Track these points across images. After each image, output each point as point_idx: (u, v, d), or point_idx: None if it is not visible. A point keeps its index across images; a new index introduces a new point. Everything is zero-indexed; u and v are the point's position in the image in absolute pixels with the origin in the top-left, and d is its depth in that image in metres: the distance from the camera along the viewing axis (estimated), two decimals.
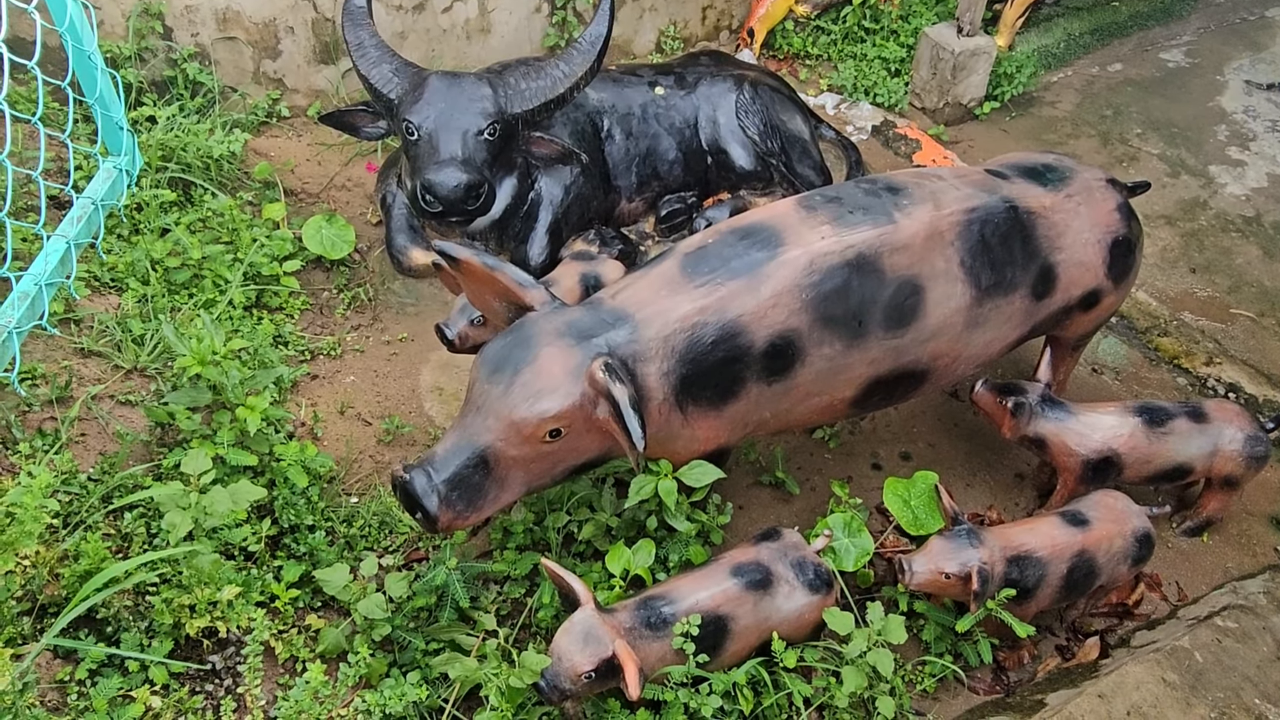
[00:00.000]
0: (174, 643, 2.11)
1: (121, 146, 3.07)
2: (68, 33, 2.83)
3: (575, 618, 2.24)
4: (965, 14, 4.81)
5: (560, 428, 2.30)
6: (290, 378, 3.23)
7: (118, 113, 3.04)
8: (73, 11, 2.81)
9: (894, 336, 2.66)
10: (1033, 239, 2.84)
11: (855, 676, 2.35)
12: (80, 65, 2.93)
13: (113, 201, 2.97)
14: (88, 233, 2.77)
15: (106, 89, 2.98)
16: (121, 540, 2.31)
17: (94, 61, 2.93)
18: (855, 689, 2.33)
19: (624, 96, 4.04)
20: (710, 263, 2.53)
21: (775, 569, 2.52)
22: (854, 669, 2.37)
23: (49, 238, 2.68)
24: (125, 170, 3.07)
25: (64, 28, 2.83)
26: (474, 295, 2.57)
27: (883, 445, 3.49)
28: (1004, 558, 2.58)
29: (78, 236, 2.70)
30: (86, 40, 2.91)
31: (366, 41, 3.52)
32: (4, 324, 2.36)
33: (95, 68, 2.93)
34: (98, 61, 2.96)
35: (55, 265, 2.59)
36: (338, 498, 2.93)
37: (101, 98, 2.94)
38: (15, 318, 2.41)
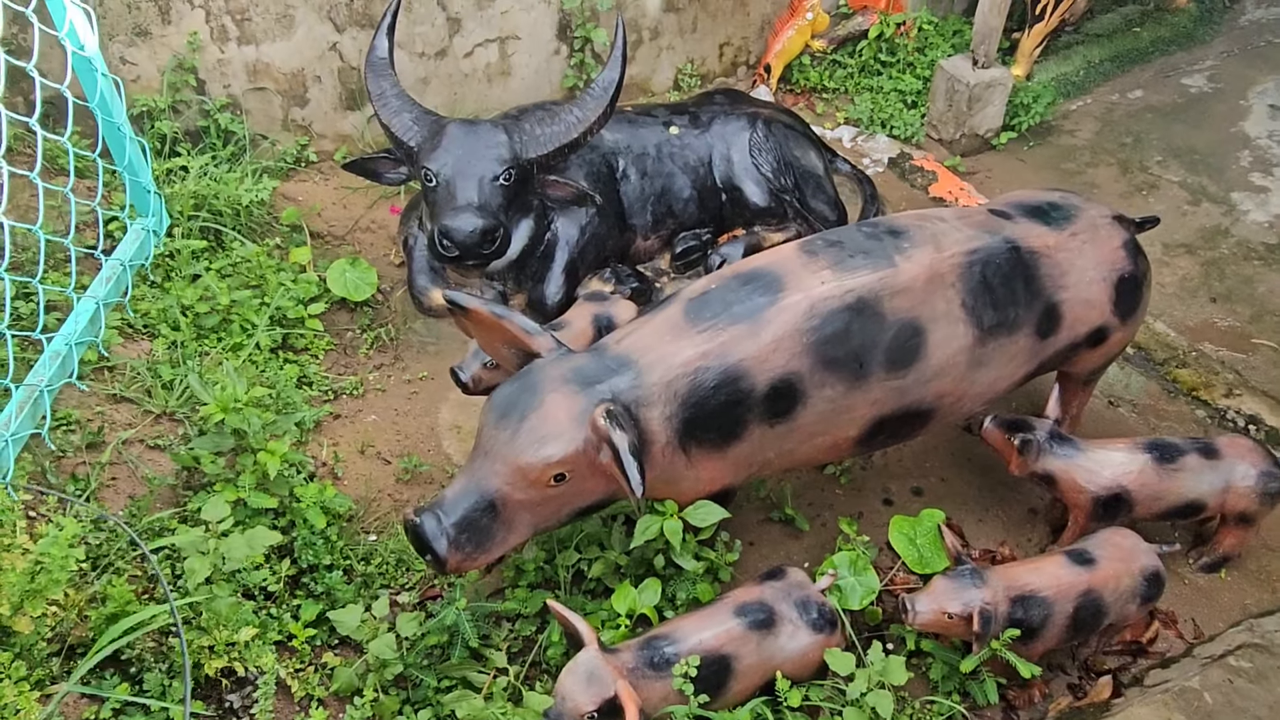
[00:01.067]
0: (195, 682, 2.21)
1: (149, 208, 3.22)
2: (98, 107, 2.99)
3: (579, 658, 2.30)
4: (980, 46, 4.85)
5: (564, 472, 2.37)
6: (313, 419, 3.34)
7: (145, 177, 3.20)
8: (103, 87, 2.97)
9: (896, 377, 2.70)
10: (1036, 278, 2.87)
11: (857, 718, 2.38)
12: (110, 135, 3.09)
13: (140, 261, 3.12)
14: (116, 292, 2.91)
15: (135, 156, 3.14)
16: (148, 582, 2.42)
17: (123, 132, 3.09)
18: None
19: (639, 137, 4.13)
20: (713, 308, 2.60)
21: (779, 608, 2.56)
22: (856, 710, 2.40)
23: (79, 299, 2.82)
24: (152, 231, 3.23)
25: (94, 103, 3.00)
26: (484, 341, 2.66)
27: (894, 480, 3.52)
28: (1008, 598, 2.59)
29: (107, 296, 2.85)
30: (116, 113, 3.07)
31: (388, 91, 3.65)
32: (36, 383, 2.49)
33: (125, 137, 3.09)
34: (127, 132, 3.12)
35: (85, 325, 2.73)
36: (356, 536, 3.03)
37: (130, 164, 3.10)
38: (47, 377, 2.55)
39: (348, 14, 4.22)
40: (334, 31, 4.24)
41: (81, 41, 2.93)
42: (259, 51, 4.14)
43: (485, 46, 4.61)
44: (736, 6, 5.16)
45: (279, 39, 4.14)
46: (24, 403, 2.45)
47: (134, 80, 3.96)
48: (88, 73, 2.99)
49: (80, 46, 2.93)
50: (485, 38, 4.58)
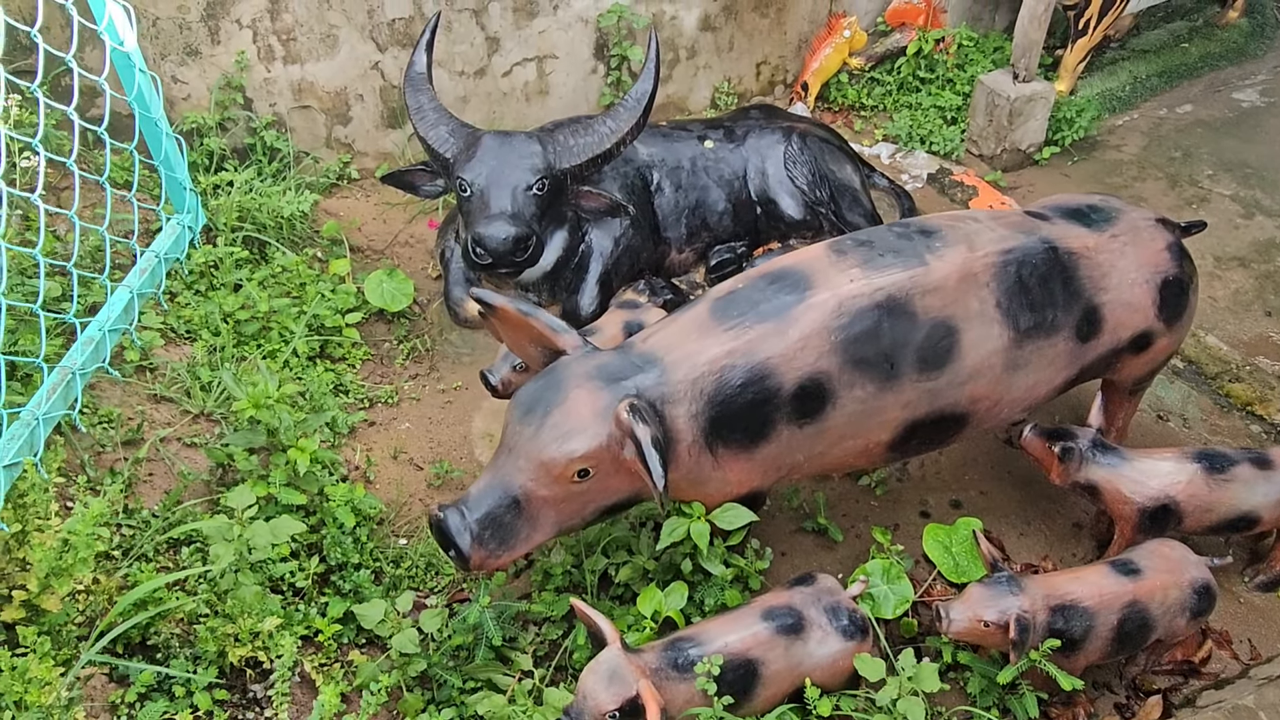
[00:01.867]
0: (218, 671, 2.22)
1: (185, 204, 3.29)
2: (135, 101, 3.08)
3: (601, 657, 2.26)
4: (1020, 60, 4.80)
5: (588, 468, 2.35)
6: (347, 423, 3.38)
7: (181, 173, 3.27)
8: (141, 82, 3.06)
9: (929, 379, 2.65)
10: (1075, 279, 2.80)
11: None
12: (147, 130, 3.17)
13: (176, 255, 3.19)
14: (151, 284, 2.98)
15: (171, 151, 3.21)
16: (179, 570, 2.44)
17: (160, 128, 3.16)
18: None
19: (673, 150, 4.15)
20: (739, 306, 2.57)
21: (808, 614, 2.50)
22: (886, 717, 2.32)
23: (113, 289, 2.89)
24: (188, 226, 3.30)
25: (132, 97, 3.08)
26: (512, 341, 2.67)
27: (932, 493, 3.43)
28: (1047, 606, 2.50)
29: (141, 287, 2.91)
30: (153, 108, 3.15)
31: (426, 105, 3.71)
32: (69, 366, 2.55)
33: (161, 133, 3.17)
34: (164, 127, 3.20)
35: (119, 313, 2.79)
36: (386, 539, 3.03)
37: (166, 159, 3.18)
38: (80, 361, 2.61)
39: (389, 34, 4.32)
40: (376, 51, 4.34)
41: (120, 37, 3.02)
42: (304, 71, 4.25)
43: (523, 65, 4.68)
44: (773, 26, 5.18)
45: (323, 58, 4.26)
46: (56, 385, 2.50)
47: (184, 99, 4.10)
48: (126, 68, 3.07)
49: (119, 42, 3.02)
50: (523, 56, 4.65)
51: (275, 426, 2.60)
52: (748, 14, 5.06)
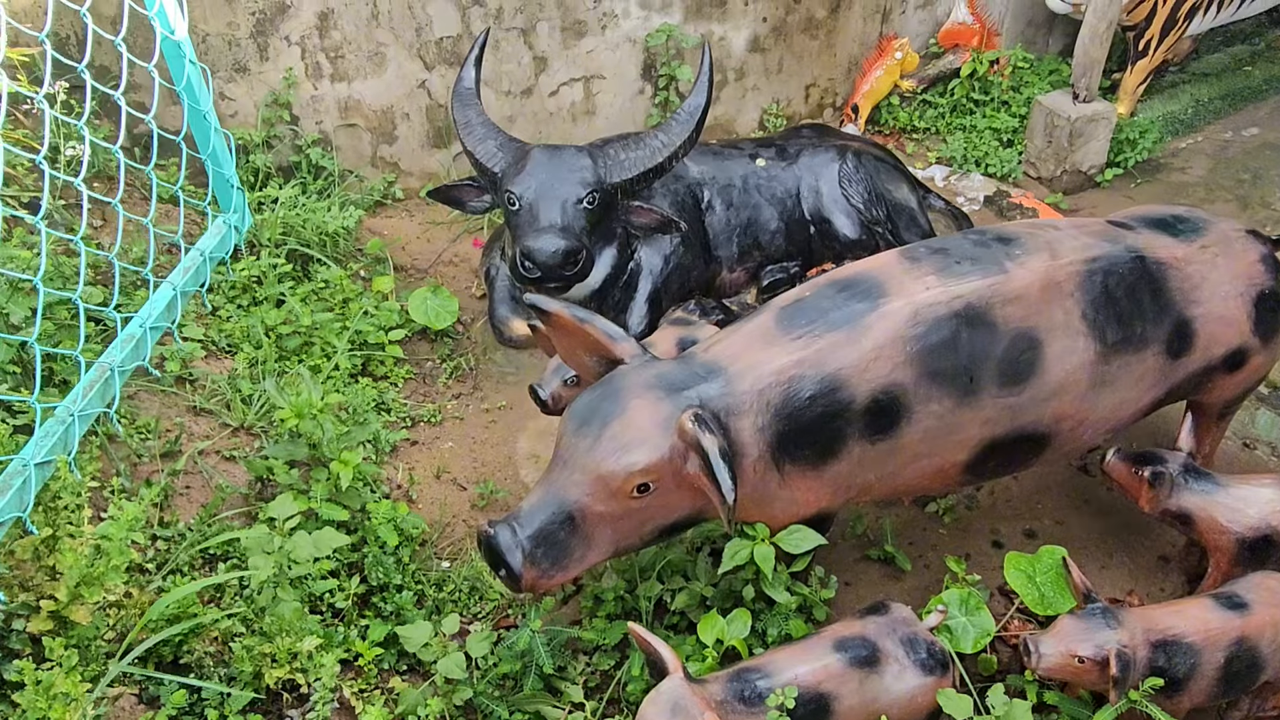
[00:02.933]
0: (253, 694, 2.07)
1: (231, 203, 3.21)
2: (184, 92, 3.01)
3: (663, 687, 2.09)
4: (1081, 79, 4.66)
5: (649, 482, 2.20)
6: (390, 441, 3.26)
7: (229, 169, 3.19)
8: (190, 73, 2.99)
9: (1010, 394, 2.47)
10: (1164, 291, 2.62)
11: None
12: (195, 123, 3.09)
13: (221, 255, 3.11)
14: (195, 282, 2.88)
15: (220, 147, 3.13)
16: (215, 590, 2.32)
17: (209, 121, 3.09)
18: None
19: (724, 168, 4.05)
20: (807, 315, 2.43)
21: (883, 645, 2.31)
22: None
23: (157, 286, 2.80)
24: (234, 226, 3.22)
25: (181, 86, 3.02)
26: (565, 351, 2.54)
27: (1004, 522, 3.23)
28: (1148, 642, 2.29)
29: (184, 285, 2.82)
30: (202, 100, 3.07)
31: (474, 120, 3.64)
32: (108, 362, 2.45)
33: (210, 126, 3.09)
34: (212, 121, 3.12)
35: (161, 311, 2.69)
36: (429, 560, 2.89)
37: (214, 154, 3.09)
38: (119, 358, 2.51)
39: (436, 52, 4.28)
40: (423, 70, 4.30)
41: (171, 25, 2.96)
42: (350, 89, 4.22)
43: (570, 85, 4.62)
44: (823, 48, 5.09)
45: (370, 76, 4.22)
46: (94, 382, 2.40)
47: (232, 116, 4.07)
48: (176, 57, 3.01)
49: (170, 30, 2.96)
50: (570, 77, 4.59)
51: (318, 439, 2.48)
52: (797, 35, 4.98)
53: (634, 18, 4.55)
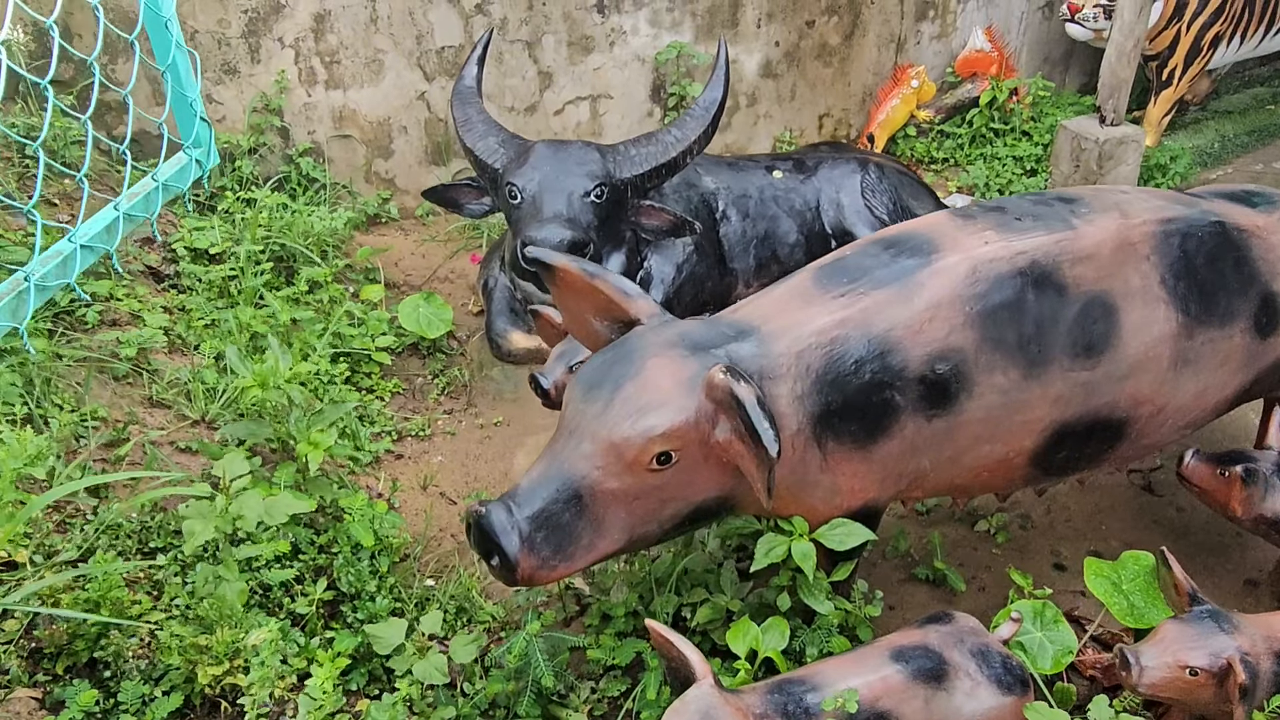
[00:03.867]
0: (183, 700, 1.67)
1: (193, 133, 2.89)
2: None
3: (689, 695, 1.70)
4: (1108, 101, 4.47)
5: (671, 451, 1.86)
6: (371, 451, 2.91)
7: (193, 94, 2.86)
8: None
9: (1083, 368, 2.15)
10: (1248, 261, 2.33)
11: None
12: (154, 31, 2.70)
13: (179, 187, 2.77)
14: (144, 209, 2.54)
15: (183, 65, 2.79)
16: (152, 587, 1.94)
17: (170, 32, 2.73)
18: None
19: (739, 180, 3.81)
20: (850, 273, 2.13)
21: (950, 657, 1.92)
22: None
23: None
24: (197, 160, 2.90)
25: None
26: (572, 317, 2.22)
27: (1064, 543, 2.86)
28: (1271, 651, 1.90)
29: (130, 209, 2.48)
30: (164, 6, 2.74)
31: (474, 117, 3.41)
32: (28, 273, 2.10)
33: (171, 39, 2.73)
34: (174, 33, 2.75)
35: (99, 232, 2.35)
36: (411, 575, 2.51)
37: (174, 69, 2.75)
38: (41, 272, 2.16)
39: (438, 62, 4.09)
40: (423, 80, 4.11)
41: None
42: (346, 97, 4.01)
43: (576, 104, 4.43)
44: (836, 76, 4.93)
45: (367, 85, 4.02)
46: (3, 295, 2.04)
47: (219, 120, 3.84)
48: None
49: None
50: (577, 95, 4.40)
51: (283, 412, 2.13)
52: (810, 62, 4.83)
53: (643, 35, 4.39)
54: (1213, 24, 4.81)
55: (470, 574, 2.57)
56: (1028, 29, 5.32)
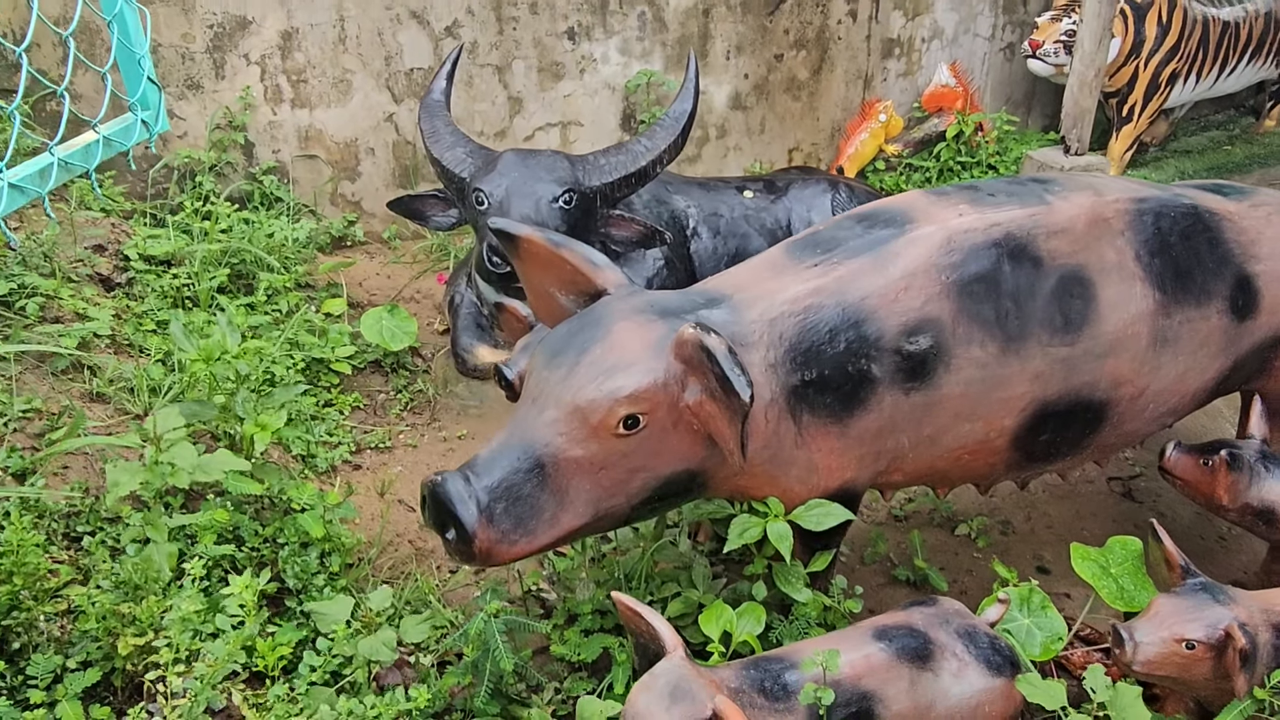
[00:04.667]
0: (101, 676, 1.51)
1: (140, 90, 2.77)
2: None
3: (659, 667, 1.58)
4: (1071, 130, 4.54)
5: (638, 414, 1.76)
6: (327, 459, 2.78)
7: (141, 49, 2.73)
8: None
9: (1061, 344, 2.10)
10: (1221, 242, 2.31)
11: None
12: None
13: (122, 144, 2.65)
14: (83, 160, 2.41)
15: (131, 20, 2.66)
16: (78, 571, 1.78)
17: None
18: None
19: (710, 199, 3.80)
20: (824, 245, 2.08)
21: (936, 637, 1.81)
22: None
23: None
24: (144, 121, 2.79)
25: None
26: (537, 292, 2.13)
27: (1047, 547, 2.77)
28: (1269, 624, 1.81)
29: (68, 158, 2.35)
30: None
31: (441, 129, 3.37)
32: None
33: None
34: None
35: (32, 174, 2.21)
36: (365, 580, 2.36)
37: (121, 19, 2.63)
38: None
39: (406, 84, 4.08)
40: (391, 102, 4.08)
41: None
42: (312, 116, 3.97)
43: (546, 130, 4.42)
44: (805, 110, 4.99)
45: (334, 105, 3.99)
46: None
47: (181, 136, 3.78)
48: None
49: None
50: (547, 121, 4.40)
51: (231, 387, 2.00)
52: (779, 95, 4.87)
53: (613, 63, 4.41)
54: (1169, 61, 4.94)
55: (428, 580, 2.43)
56: (990, 70, 5.44)
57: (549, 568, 2.47)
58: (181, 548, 1.70)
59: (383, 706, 1.58)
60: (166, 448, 1.61)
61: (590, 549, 2.37)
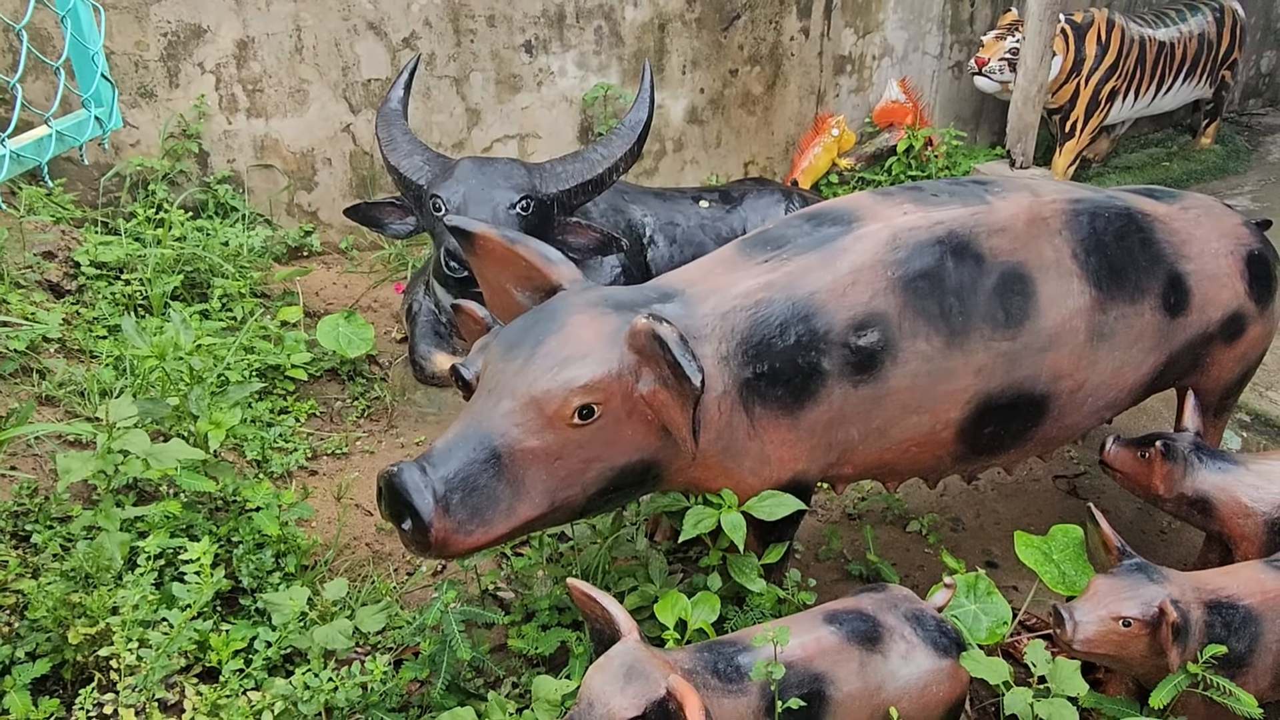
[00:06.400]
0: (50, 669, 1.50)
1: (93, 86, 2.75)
2: None
3: (614, 650, 1.60)
4: (1016, 145, 4.69)
5: (593, 404, 1.79)
6: (283, 464, 2.77)
7: (95, 45, 2.72)
8: None
9: (1004, 338, 2.17)
10: (1153, 241, 2.41)
11: None
12: None
13: (75, 139, 2.63)
14: (34, 153, 2.38)
15: (85, 16, 2.63)
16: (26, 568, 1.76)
17: None
18: None
19: (667, 209, 3.86)
20: (774, 242, 2.13)
21: (885, 620, 1.86)
22: None
23: None
24: (97, 117, 2.77)
25: None
26: (493, 288, 2.16)
27: (995, 542, 2.84)
28: (1200, 602, 1.88)
29: (21, 149, 2.33)
30: None
31: (399, 137, 3.39)
32: None
33: None
34: None
35: None
36: (322, 582, 2.34)
37: (75, 14, 2.60)
38: None
39: (364, 95, 4.09)
40: (348, 112, 4.09)
41: None
42: (268, 126, 3.97)
43: (504, 142, 4.46)
44: (760, 125, 5.08)
45: (290, 114, 3.99)
46: None
47: (134, 144, 3.76)
48: None
49: None
50: (505, 133, 4.44)
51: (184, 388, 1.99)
52: (735, 109, 4.97)
53: (570, 76, 4.47)
54: (1108, 79, 5.12)
55: (386, 582, 2.42)
56: (939, 88, 5.59)
57: (507, 568, 2.48)
58: (133, 541, 1.68)
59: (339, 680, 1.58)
60: (118, 436, 1.60)
61: (548, 546, 2.39)
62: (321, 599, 1.81)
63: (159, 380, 2.05)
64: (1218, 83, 5.90)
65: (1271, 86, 7.42)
